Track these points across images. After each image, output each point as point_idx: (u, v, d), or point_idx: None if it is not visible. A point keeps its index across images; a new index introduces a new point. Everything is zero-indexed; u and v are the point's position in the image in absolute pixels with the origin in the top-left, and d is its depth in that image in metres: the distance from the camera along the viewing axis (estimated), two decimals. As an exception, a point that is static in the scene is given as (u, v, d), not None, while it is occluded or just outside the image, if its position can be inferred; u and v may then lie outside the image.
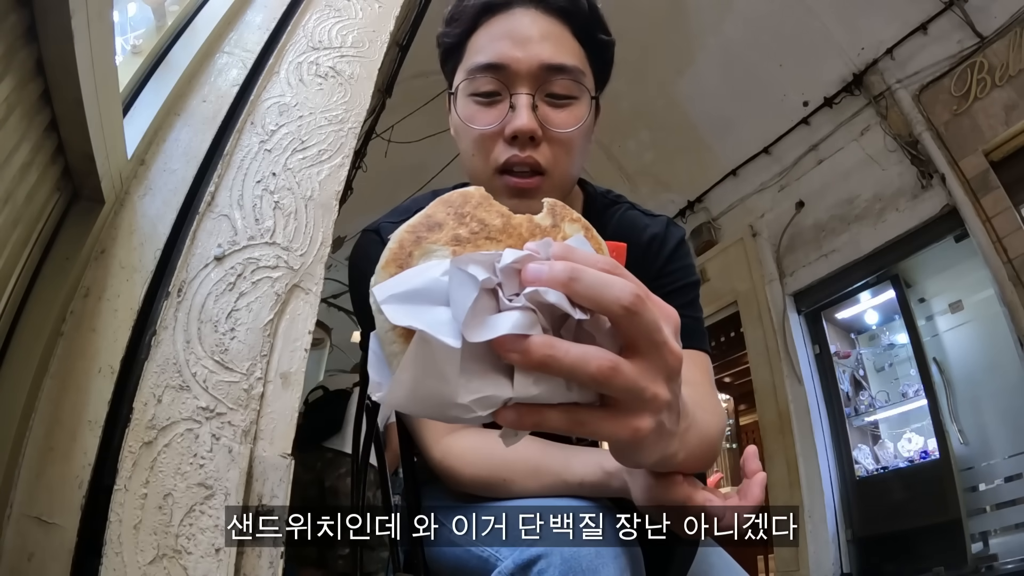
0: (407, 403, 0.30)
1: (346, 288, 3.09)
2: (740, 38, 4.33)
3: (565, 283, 0.29)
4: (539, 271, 0.29)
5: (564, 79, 0.64)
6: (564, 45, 0.66)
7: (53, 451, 0.81)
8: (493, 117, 0.64)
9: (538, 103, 0.63)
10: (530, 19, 0.65)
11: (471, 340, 0.28)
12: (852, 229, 4.06)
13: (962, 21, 3.49)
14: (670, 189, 5.37)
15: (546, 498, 0.60)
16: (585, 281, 0.29)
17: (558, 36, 0.66)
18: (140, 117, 1.04)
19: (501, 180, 0.64)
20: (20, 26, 0.71)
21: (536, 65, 0.63)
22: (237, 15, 1.27)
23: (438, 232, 0.33)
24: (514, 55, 0.63)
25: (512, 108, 0.63)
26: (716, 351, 5.12)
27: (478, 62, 0.65)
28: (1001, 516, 3.16)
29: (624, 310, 0.29)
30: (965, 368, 3.51)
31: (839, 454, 3.90)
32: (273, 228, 1.02)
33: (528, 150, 0.63)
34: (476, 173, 0.67)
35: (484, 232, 0.33)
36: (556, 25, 0.66)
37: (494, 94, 0.64)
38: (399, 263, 0.32)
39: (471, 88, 0.65)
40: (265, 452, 0.87)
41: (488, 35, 0.66)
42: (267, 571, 0.81)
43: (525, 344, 0.28)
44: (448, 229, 0.33)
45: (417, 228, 0.33)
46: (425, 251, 0.32)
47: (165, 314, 0.90)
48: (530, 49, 0.63)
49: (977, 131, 3.39)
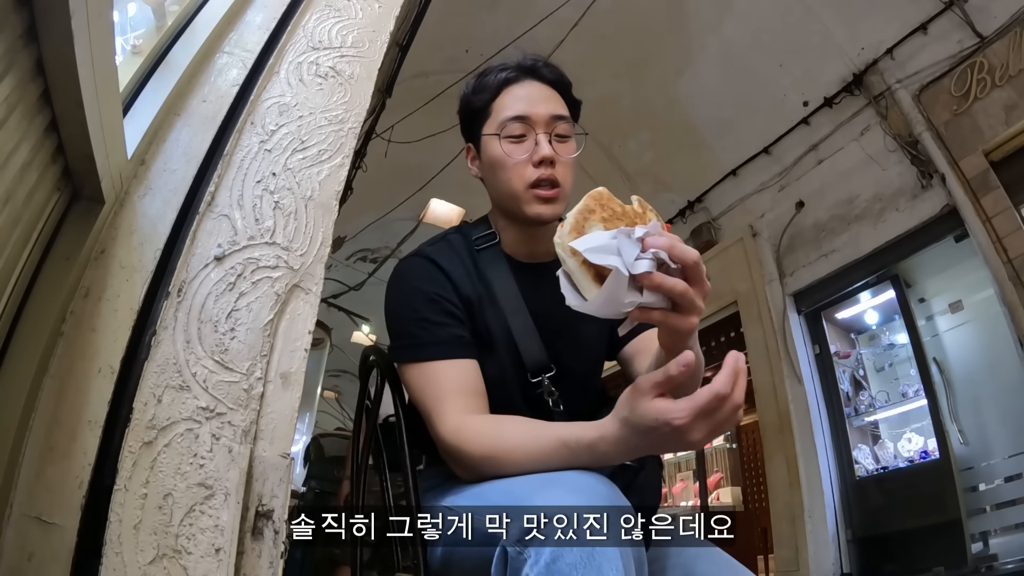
0: (601, 308, 0.59)
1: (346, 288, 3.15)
2: (740, 38, 4.34)
3: (670, 247, 0.60)
4: (656, 241, 0.60)
5: (564, 123, 0.95)
6: (559, 102, 0.97)
7: (53, 451, 0.81)
8: (523, 150, 0.92)
9: (552, 140, 0.93)
10: (537, 88, 0.96)
11: (633, 272, 0.59)
12: (852, 229, 4.06)
13: (962, 21, 3.49)
14: (670, 189, 5.37)
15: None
16: (677, 248, 0.61)
17: (555, 97, 0.97)
18: (140, 117, 1.04)
19: (532, 193, 0.91)
20: (20, 26, 0.71)
21: (548, 115, 0.93)
22: (237, 15, 1.27)
23: (593, 215, 0.63)
24: (534, 110, 0.93)
25: (537, 143, 0.92)
26: (716, 351, 5.12)
27: (510, 115, 0.93)
28: (1001, 516, 3.16)
29: (694, 263, 0.62)
30: (965, 368, 3.51)
31: (839, 454, 3.90)
32: (273, 228, 1.02)
33: (550, 171, 0.91)
34: (513, 190, 0.93)
35: (614, 216, 0.63)
36: (551, 91, 0.97)
37: (521, 136, 0.93)
38: (578, 230, 0.61)
39: (506, 132, 0.93)
40: (265, 452, 0.87)
41: (510, 98, 0.95)
42: (267, 571, 0.81)
43: (651, 276, 0.59)
44: (597, 213, 0.63)
45: (583, 212, 0.63)
46: (591, 225, 0.62)
47: (165, 314, 0.90)
48: (541, 106, 0.94)
49: (977, 131, 3.39)
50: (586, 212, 0.62)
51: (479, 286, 0.94)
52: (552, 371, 0.92)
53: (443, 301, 0.89)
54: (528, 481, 0.69)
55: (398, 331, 0.91)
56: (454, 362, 0.85)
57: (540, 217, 0.91)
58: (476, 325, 0.92)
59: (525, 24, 4.24)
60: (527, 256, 0.99)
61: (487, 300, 0.93)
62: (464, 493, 0.78)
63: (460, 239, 0.99)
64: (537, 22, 4.22)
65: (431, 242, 1.00)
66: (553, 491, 0.63)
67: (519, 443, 0.74)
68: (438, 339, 0.87)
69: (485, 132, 0.96)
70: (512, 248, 0.99)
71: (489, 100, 0.97)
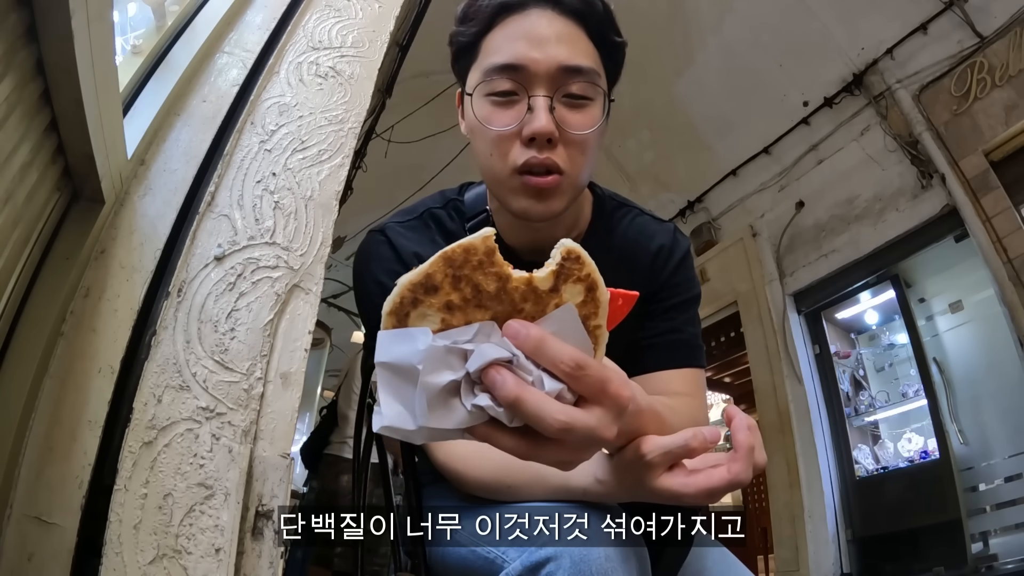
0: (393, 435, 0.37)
1: (346, 288, 3.16)
2: (740, 38, 4.33)
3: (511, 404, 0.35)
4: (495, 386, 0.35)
5: (581, 81, 0.64)
6: (580, 46, 0.66)
7: (53, 451, 0.81)
8: (511, 118, 0.64)
9: (555, 104, 0.64)
10: (547, 20, 0.65)
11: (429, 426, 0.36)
12: (852, 229, 4.06)
13: (962, 21, 3.49)
14: (670, 189, 5.37)
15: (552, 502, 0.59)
16: (525, 408, 0.35)
17: (574, 37, 0.66)
18: (140, 117, 1.04)
19: (519, 180, 0.64)
20: (20, 26, 0.71)
21: (554, 67, 0.63)
22: (237, 15, 1.27)
23: (434, 296, 0.36)
24: (532, 56, 0.63)
25: (530, 109, 0.63)
26: (716, 351, 5.12)
27: (496, 62, 0.65)
28: (1001, 516, 3.16)
29: (556, 431, 0.36)
30: (965, 368, 3.51)
31: (839, 454, 3.90)
32: (273, 228, 1.02)
33: (545, 152, 0.63)
34: (494, 173, 0.67)
35: (476, 300, 0.36)
36: (572, 26, 0.66)
37: (511, 94, 0.64)
38: (398, 317, 0.36)
39: (488, 88, 0.65)
40: (265, 452, 0.87)
41: (504, 35, 0.66)
42: (267, 571, 0.81)
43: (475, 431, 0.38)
44: (443, 294, 0.36)
45: (416, 289, 0.36)
46: (421, 313, 0.36)
47: (165, 314, 0.90)
48: (548, 50, 0.63)
49: (977, 131, 3.39)
50: (420, 289, 0.36)
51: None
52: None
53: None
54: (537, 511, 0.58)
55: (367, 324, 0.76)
56: None
57: (527, 214, 0.66)
58: None
59: (525, 24, 4.23)
60: (528, 246, 0.74)
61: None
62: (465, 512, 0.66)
63: (448, 216, 0.78)
64: (537, 22, 4.21)
65: (406, 215, 0.78)
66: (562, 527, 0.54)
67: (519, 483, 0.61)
68: None
69: (468, 84, 0.68)
70: (509, 236, 0.75)
71: (479, 34, 0.68)
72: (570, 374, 0.36)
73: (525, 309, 0.37)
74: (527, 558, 0.53)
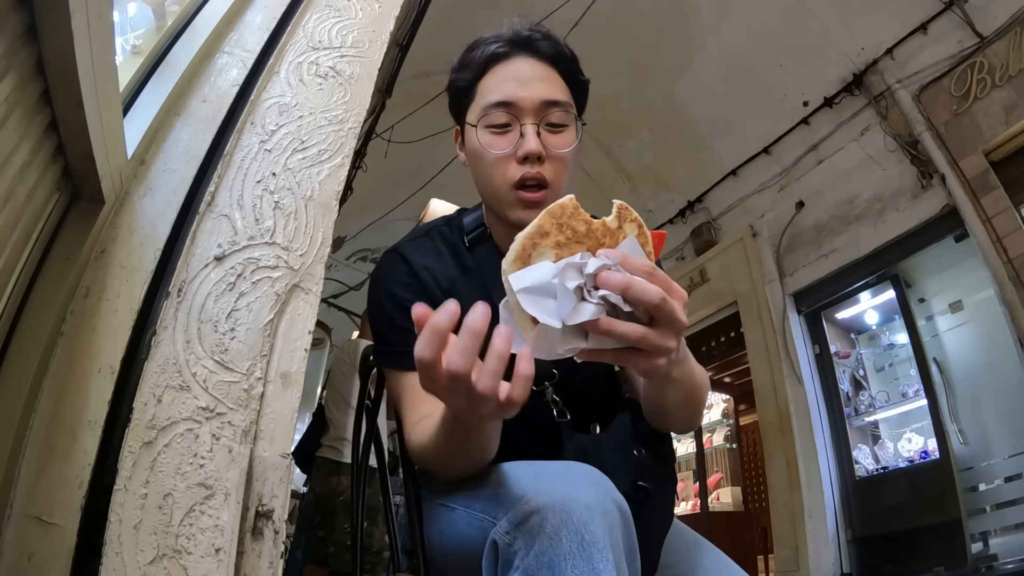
0: (537, 353, 0.51)
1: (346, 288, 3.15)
2: (740, 38, 4.34)
3: (626, 288, 0.51)
4: (610, 281, 0.50)
5: (559, 111, 0.80)
6: (556, 84, 0.82)
7: (53, 451, 0.81)
8: (507, 143, 0.80)
9: (541, 130, 0.79)
10: (528, 65, 0.82)
11: (568, 323, 0.50)
12: (852, 229, 4.06)
13: (962, 21, 3.49)
14: (670, 189, 5.37)
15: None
16: (634, 288, 0.51)
17: (551, 78, 0.83)
18: (140, 117, 1.04)
19: (515, 194, 0.79)
20: (20, 26, 0.71)
21: (538, 101, 0.80)
22: (237, 15, 1.27)
23: (546, 239, 0.52)
24: (520, 94, 0.80)
25: (522, 135, 0.79)
26: (716, 351, 5.12)
27: (492, 100, 0.80)
28: (1001, 516, 3.16)
29: (654, 306, 0.52)
30: (965, 368, 3.51)
31: (839, 454, 3.90)
32: (273, 228, 1.02)
33: (536, 167, 0.78)
34: (494, 188, 0.81)
35: (575, 237, 0.53)
36: (548, 69, 0.83)
37: (506, 124, 0.80)
38: (523, 260, 0.51)
39: (487, 121, 0.80)
40: (265, 452, 0.87)
41: (496, 79, 0.82)
42: (267, 571, 0.81)
43: (597, 325, 0.51)
44: (552, 236, 0.52)
45: (533, 236, 0.52)
46: (539, 252, 0.52)
47: (165, 314, 0.90)
48: (532, 89, 0.80)
49: (977, 131, 3.39)
50: (536, 236, 0.51)
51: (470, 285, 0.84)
52: (555, 378, 0.81)
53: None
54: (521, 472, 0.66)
55: (376, 335, 0.85)
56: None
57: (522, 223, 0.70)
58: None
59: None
60: None
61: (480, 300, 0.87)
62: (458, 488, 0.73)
63: (449, 231, 0.90)
64: (537, 22, 4.21)
65: (414, 235, 0.90)
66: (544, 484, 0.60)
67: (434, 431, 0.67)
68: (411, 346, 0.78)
69: (468, 119, 0.83)
70: (503, 243, 0.86)
71: (474, 79, 0.84)
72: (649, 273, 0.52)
73: (605, 242, 0.54)
74: (513, 515, 0.58)
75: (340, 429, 2.77)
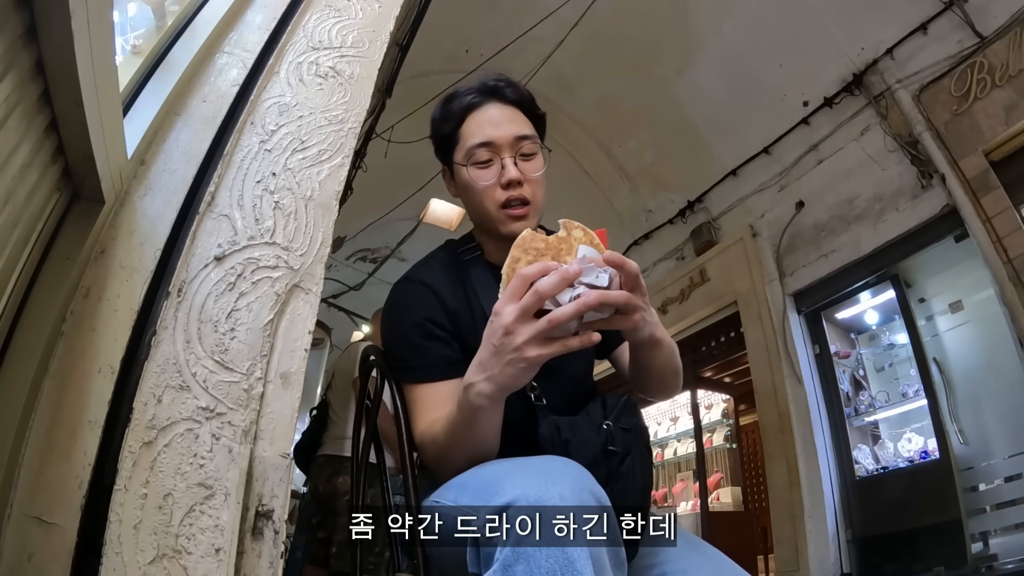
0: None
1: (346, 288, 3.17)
2: (740, 38, 4.34)
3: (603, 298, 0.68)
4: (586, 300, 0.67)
5: (528, 143, 0.97)
6: (522, 122, 0.99)
7: (53, 451, 0.81)
8: (491, 175, 0.96)
9: (517, 161, 0.96)
10: (498, 109, 0.99)
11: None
12: (852, 229, 4.06)
13: (962, 21, 3.49)
14: (670, 189, 5.37)
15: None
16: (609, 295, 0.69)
17: (517, 117, 0.99)
18: (140, 117, 1.04)
19: (504, 213, 0.96)
20: (20, 26, 0.71)
21: (511, 137, 0.96)
22: (237, 15, 1.27)
23: (519, 263, 0.70)
24: (497, 134, 0.96)
25: (503, 167, 0.95)
26: (716, 351, 5.12)
27: (475, 142, 0.96)
28: (1001, 516, 3.16)
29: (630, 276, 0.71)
30: (965, 368, 3.51)
31: (839, 454, 3.90)
32: (273, 228, 1.02)
33: (517, 191, 0.95)
34: (486, 212, 0.97)
35: (538, 254, 0.71)
36: (514, 111, 1.00)
37: (488, 160, 0.96)
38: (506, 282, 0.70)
39: (473, 159, 0.96)
40: (265, 452, 0.87)
41: (474, 124, 0.98)
42: (267, 571, 0.81)
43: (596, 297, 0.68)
44: (523, 260, 0.71)
45: (510, 264, 0.71)
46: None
47: (165, 314, 0.90)
48: (505, 129, 0.97)
49: (977, 131, 3.39)
50: (512, 264, 0.70)
51: (465, 296, 0.97)
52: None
53: (429, 325, 0.93)
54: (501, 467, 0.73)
55: (392, 353, 0.97)
56: (435, 384, 0.91)
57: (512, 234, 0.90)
58: (463, 334, 0.93)
59: (525, 24, 4.24)
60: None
61: (475, 308, 0.95)
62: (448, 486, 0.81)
63: (446, 255, 1.05)
64: (537, 22, 4.22)
65: (419, 264, 1.05)
66: (520, 478, 0.64)
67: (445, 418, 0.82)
68: (425, 362, 0.92)
69: (456, 160, 0.99)
70: (495, 257, 1.01)
71: (455, 127, 1.00)
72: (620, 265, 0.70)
73: (562, 248, 0.71)
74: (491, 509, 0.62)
75: (343, 427, 2.76)
